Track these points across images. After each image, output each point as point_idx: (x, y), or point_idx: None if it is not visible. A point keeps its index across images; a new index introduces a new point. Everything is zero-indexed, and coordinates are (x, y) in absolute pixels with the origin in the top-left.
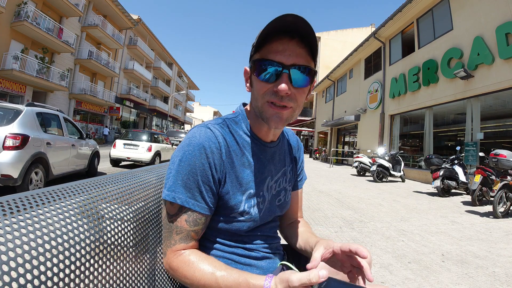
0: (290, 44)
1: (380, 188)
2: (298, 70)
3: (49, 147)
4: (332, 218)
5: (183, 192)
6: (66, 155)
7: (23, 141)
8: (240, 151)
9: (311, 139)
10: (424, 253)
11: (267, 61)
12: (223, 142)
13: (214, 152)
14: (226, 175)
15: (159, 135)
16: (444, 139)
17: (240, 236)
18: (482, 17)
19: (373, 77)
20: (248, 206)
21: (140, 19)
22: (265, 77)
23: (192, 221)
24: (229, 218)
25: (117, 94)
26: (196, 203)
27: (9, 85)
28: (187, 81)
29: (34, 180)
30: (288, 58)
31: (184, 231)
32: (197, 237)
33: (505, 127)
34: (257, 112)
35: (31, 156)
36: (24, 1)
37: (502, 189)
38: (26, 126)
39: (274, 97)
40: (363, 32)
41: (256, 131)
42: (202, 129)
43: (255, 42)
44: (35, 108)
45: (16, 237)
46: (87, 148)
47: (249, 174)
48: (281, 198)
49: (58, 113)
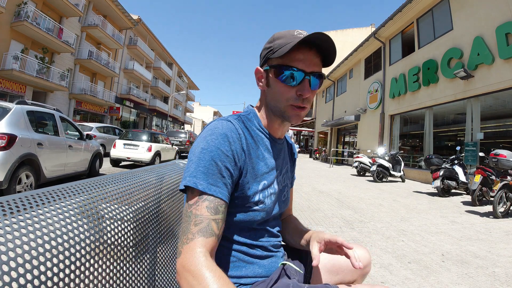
0: (309, 54)
1: (380, 188)
2: (315, 77)
3: (40, 148)
4: (332, 218)
5: (205, 178)
6: (62, 157)
7: (9, 141)
8: (255, 144)
9: (311, 139)
10: (424, 253)
11: (292, 68)
12: (243, 134)
13: (236, 142)
14: (246, 164)
15: (159, 135)
16: (444, 139)
17: (249, 231)
18: (482, 17)
19: (373, 77)
20: (263, 196)
21: (140, 19)
22: (289, 82)
23: (214, 208)
24: (244, 208)
25: (117, 94)
26: (218, 189)
27: (9, 85)
28: (187, 81)
29: (22, 184)
30: (308, 66)
31: (204, 220)
32: (218, 230)
33: (505, 127)
34: (276, 111)
35: (19, 158)
36: (24, 1)
37: (502, 189)
38: (13, 125)
39: (297, 101)
40: (363, 32)
41: (268, 128)
42: (223, 122)
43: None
44: (26, 107)
45: (16, 237)
46: (87, 149)
47: (263, 166)
48: (285, 193)
49: (54, 112)
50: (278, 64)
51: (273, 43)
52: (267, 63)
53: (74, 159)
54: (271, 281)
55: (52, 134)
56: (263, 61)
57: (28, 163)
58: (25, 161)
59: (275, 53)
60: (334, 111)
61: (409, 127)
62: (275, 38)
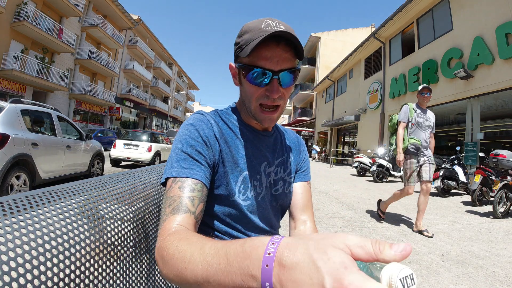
0: (277, 50)
1: (380, 188)
2: (285, 74)
3: (35, 148)
4: (332, 218)
5: (178, 165)
6: (59, 157)
7: (1, 141)
8: (233, 135)
9: (311, 139)
10: (424, 253)
11: (257, 67)
12: (215, 125)
13: (205, 129)
14: (223, 153)
15: (159, 135)
16: (444, 139)
17: (241, 224)
18: (482, 17)
19: (373, 77)
20: (244, 187)
21: (140, 19)
22: (256, 82)
23: (187, 186)
24: (225, 199)
25: (117, 94)
26: (192, 171)
27: (9, 85)
28: (187, 81)
29: (15, 185)
30: (276, 64)
31: (176, 199)
32: (193, 207)
33: (505, 127)
34: (249, 113)
35: (12, 158)
36: (24, 1)
37: (502, 189)
38: (7, 125)
39: (267, 100)
40: (363, 32)
41: (248, 122)
42: (195, 115)
43: (244, 46)
44: (20, 105)
45: (16, 237)
46: (87, 149)
47: (244, 156)
48: (279, 188)
49: (51, 112)
50: (245, 64)
51: (241, 38)
52: (237, 60)
53: (73, 160)
54: None
55: (49, 134)
56: (235, 58)
57: (22, 163)
58: (19, 161)
59: (242, 51)
60: (334, 111)
61: None
62: (243, 32)
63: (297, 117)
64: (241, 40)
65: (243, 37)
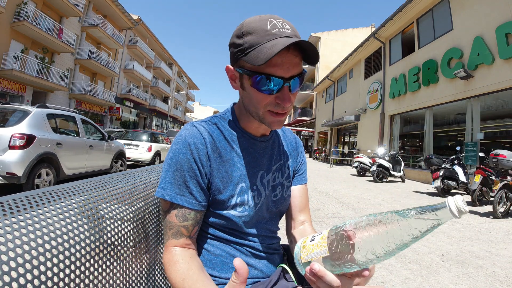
0: (288, 55)
1: (380, 188)
2: (295, 79)
3: (60, 147)
4: (332, 218)
5: (172, 188)
6: (82, 156)
7: (28, 141)
8: (228, 146)
9: (311, 139)
10: (424, 253)
11: (269, 75)
12: (209, 138)
13: (199, 148)
14: (214, 170)
15: (159, 135)
16: (444, 139)
17: (238, 233)
18: (482, 17)
19: (373, 77)
20: (241, 200)
21: (140, 19)
22: (265, 90)
23: (182, 216)
24: (223, 213)
25: (117, 94)
26: (184, 199)
27: (9, 85)
28: (187, 81)
29: (42, 179)
30: (287, 71)
31: (174, 226)
32: (188, 233)
33: (505, 127)
34: (254, 116)
35: (37, 156)
36: (24, 1)
37: (502, 189)
38: (33, 127)
39: (277, 107)
40: (363, 32)
41: (246, 127)
42: (188, 127)
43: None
44: (46, 110)
45: (16, 237)
46: (109, 149)
47: (240, 168)
48: (277, 193)
49: (75, 115)
50: (252, 71)
51: (244, 40)
52: (238, 63)
53: (95, 158)
54: (270, 283)
55: (73, 135)
56: (233, 60)
57: (47, 161)
58: (44, 159)
59: (247, 57)
60: (334, 111)
61: (409, 127)
62: (244, 33)
63: (297, 117)
64: (243, 42)
65: (246, 39)
